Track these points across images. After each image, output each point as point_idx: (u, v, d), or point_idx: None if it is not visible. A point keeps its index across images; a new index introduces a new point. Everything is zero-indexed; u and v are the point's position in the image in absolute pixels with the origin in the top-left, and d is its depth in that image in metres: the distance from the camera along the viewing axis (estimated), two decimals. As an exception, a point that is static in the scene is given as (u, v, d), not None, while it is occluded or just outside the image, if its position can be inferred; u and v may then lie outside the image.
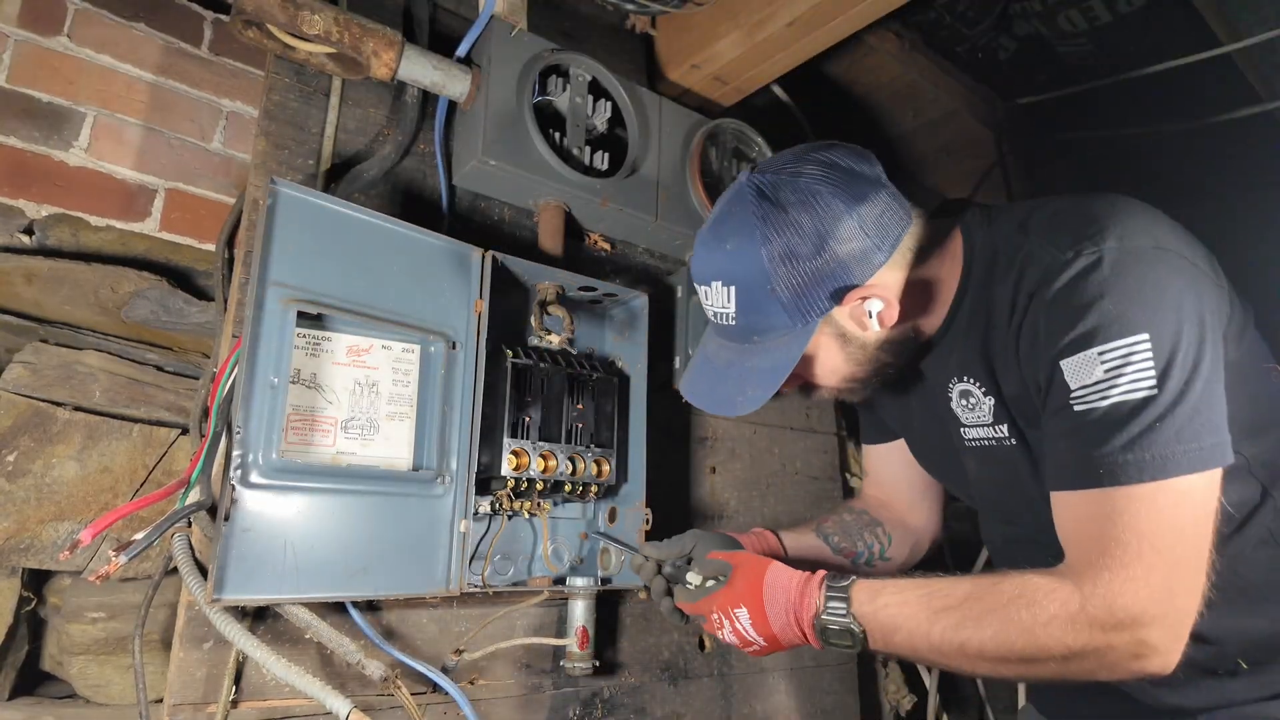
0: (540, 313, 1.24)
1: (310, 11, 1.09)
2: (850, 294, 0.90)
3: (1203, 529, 0.77)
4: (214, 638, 0.97)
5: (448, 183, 1.30)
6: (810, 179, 0.89)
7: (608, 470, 1.21)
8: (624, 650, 1.33)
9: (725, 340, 1.00)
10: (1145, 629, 0.74)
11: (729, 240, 0.92)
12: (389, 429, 1.08)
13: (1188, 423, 0.75)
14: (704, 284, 0.97)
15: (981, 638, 0.80)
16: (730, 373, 0.98)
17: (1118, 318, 0.78)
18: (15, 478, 1.16)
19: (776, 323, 0.92)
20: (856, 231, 0.88)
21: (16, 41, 1.30)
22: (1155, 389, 0.76)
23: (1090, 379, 0.79)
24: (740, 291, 0.92)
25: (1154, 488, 0.75)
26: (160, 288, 1.32)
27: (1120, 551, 0.75)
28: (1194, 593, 0.76)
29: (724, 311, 0.95)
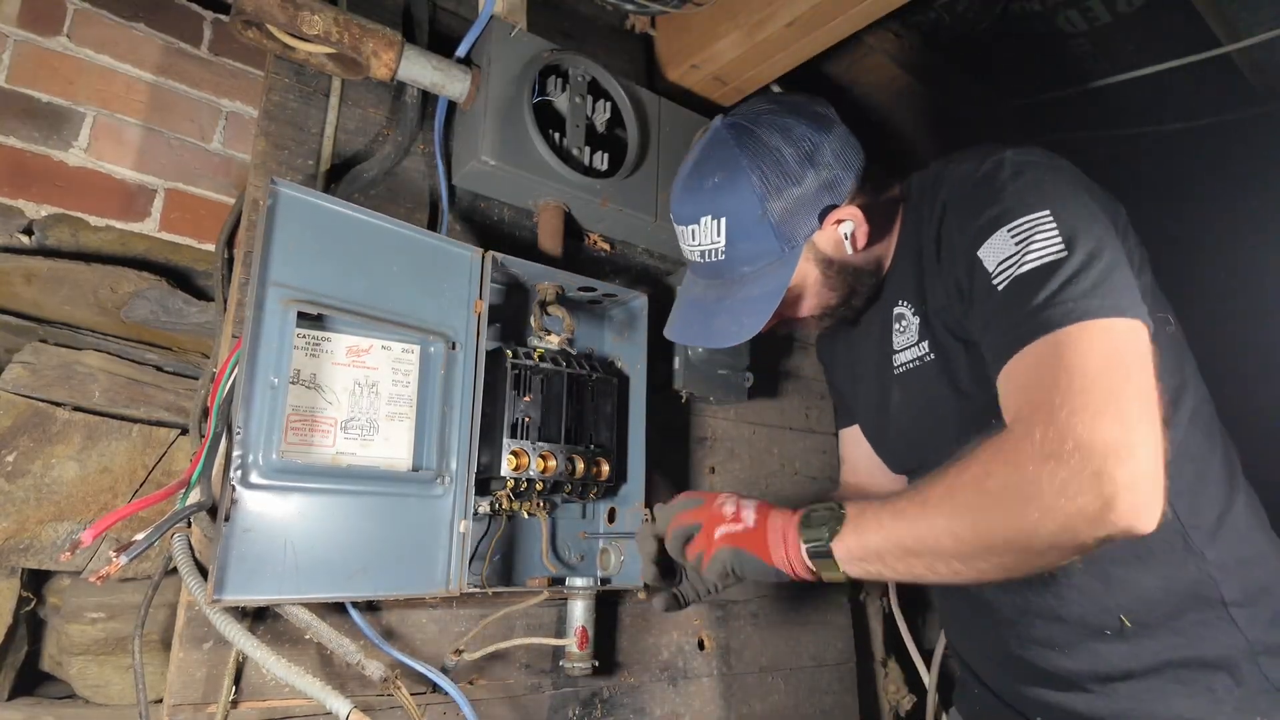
0: (540, 313, 1.24)
1: (310, 12, 1.09)
2: (830, 215, 0.97)
3: (1138, 369, 0.73)
4: (214, 638, 0.97)
5: (447, 183, 1.30)
6: (778, 114, 0.98)
7: (607, 470, 1.22)
8: (623, 650, 1.34)
9: (711, 279, 1.04)
10: (1104, 456, 0.67)
11: (714, 175, 0.98)
12: (389, 429, 1.08)
13: (1104, 277, 0.77)
14: (690, 223, 1.01)
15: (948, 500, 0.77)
16: (722, 307, 1.02)
17: (1020, 201, 0.84)
18: (15, 478, 1.16)
19: (766, 249, 0.98)
20: (830, 157, 0.97)
21: (16, 41, 1.30)
22: (1064, 251, 0.79)
23: (1003, 255, 0.83)
24: (731, 222, 0.98)
25: (1080, 329, 0.74)
26: (160, 288, 1.32)
27: (1064, 389, 0.72)
28: (1144, 422, 0.70)
29: (712, 248, 1.00)
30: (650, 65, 1.67)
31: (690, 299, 1.09)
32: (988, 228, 0.85)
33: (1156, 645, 0.89)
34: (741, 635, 1.50)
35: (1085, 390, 0.71)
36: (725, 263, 1.01)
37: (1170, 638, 0.89)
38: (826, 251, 1.01)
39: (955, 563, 0.78)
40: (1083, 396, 0.70)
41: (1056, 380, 0.73)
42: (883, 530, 0.83)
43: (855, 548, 0.84)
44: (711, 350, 1.42)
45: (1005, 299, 0.82)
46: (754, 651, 1.51)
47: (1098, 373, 0.72)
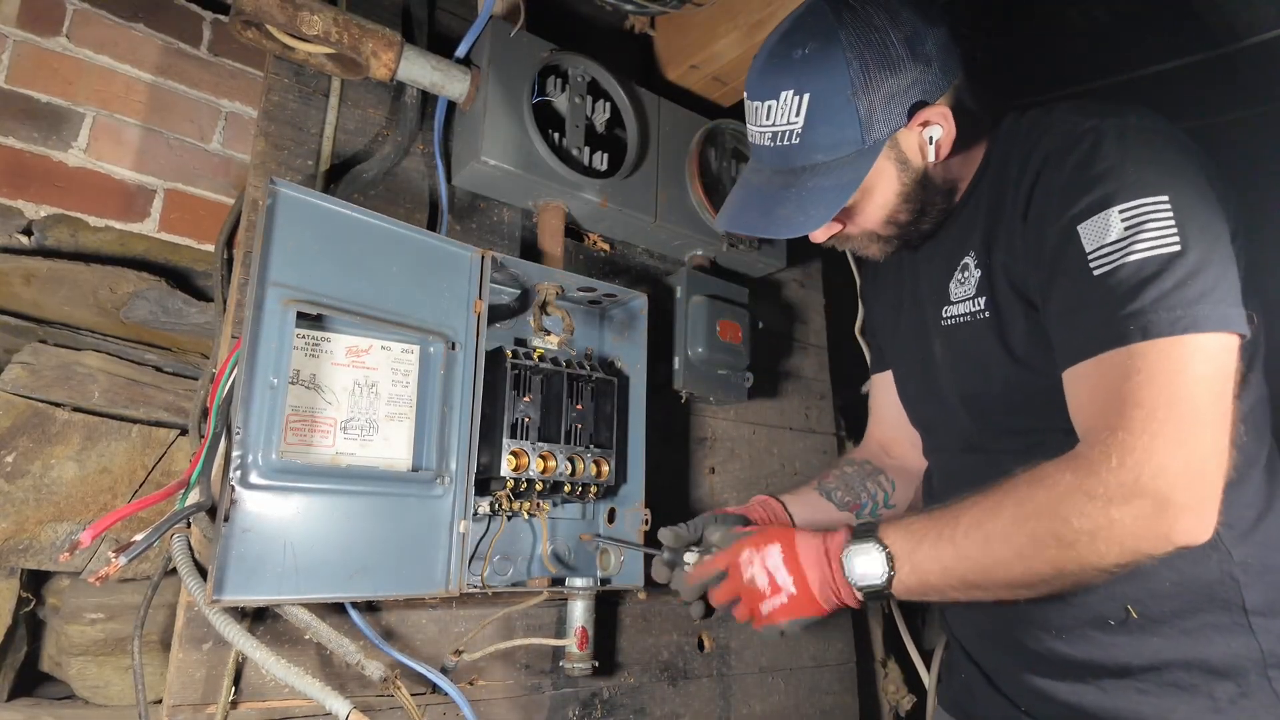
0: (539, 313, 1.24)
1: (309, 12, 1.09)
2: (919, 113, 0.89)
3: (1225, 390, 0.72)
4: (213, 638, 0.96)
5: (447, 183, 1.30)
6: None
7: (607, 471, 1.21)
8: (623, 650, 1.33)
9: (778, 165, 0.94)
10: (1166, 481, 0.69)
11: (806, 45, 0.88)
12: (388, 429, 1.08)
13: (1215, 284, 0.73)
14: (768, 99, 0.91)
15: (1001, 523, 0.76)
16: (787, 195, 0.92)
17: (1138, 179, 0.77)
18: (14, 478, 1.16)
19: (846, 138, 0.88)
20: (934, 52, 0.88)
21: (15, 42, 1.30)
22: (1179, 246, 0.73)
23: (1108, 238, 0.76)
24: (815, 99, 0.88)
25: (1179, 343, 0.71)
26: (159, 288, 1.32)
27: (1136, 412, 0.71)
28: (1218, 450, 0.71)
29: (787, 129, 0.90)
30: (650, 65, 1.67)
31: (750, 187, 0.98)
32: (1097, 203, 0.78)
33: (1160, 642, 0.85)
34: (741, 635, 1.50)
35: (1156, 415, 0.70)
36: (798, 147, 0.90)
37: (1177, 637, 0.84)
38: (908, 154, 0.92)
39: (1020, 590, 0.78)
40: (1153, 422, 0.70)
41: (1133, 398, 0.71)
42: (942, 569, 0.80)
43: (914, 587, 0.82)
44: (711, 350, 1.41)
45: (1102, 288, 0.76)
46: (754, 652, 1.51)
47: (1183, 395, 0.70)
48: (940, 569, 0.80)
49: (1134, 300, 0.73)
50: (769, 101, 0.91)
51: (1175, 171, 0.78)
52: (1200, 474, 0.70)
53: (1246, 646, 0.82)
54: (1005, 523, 0.76)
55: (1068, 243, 0.80)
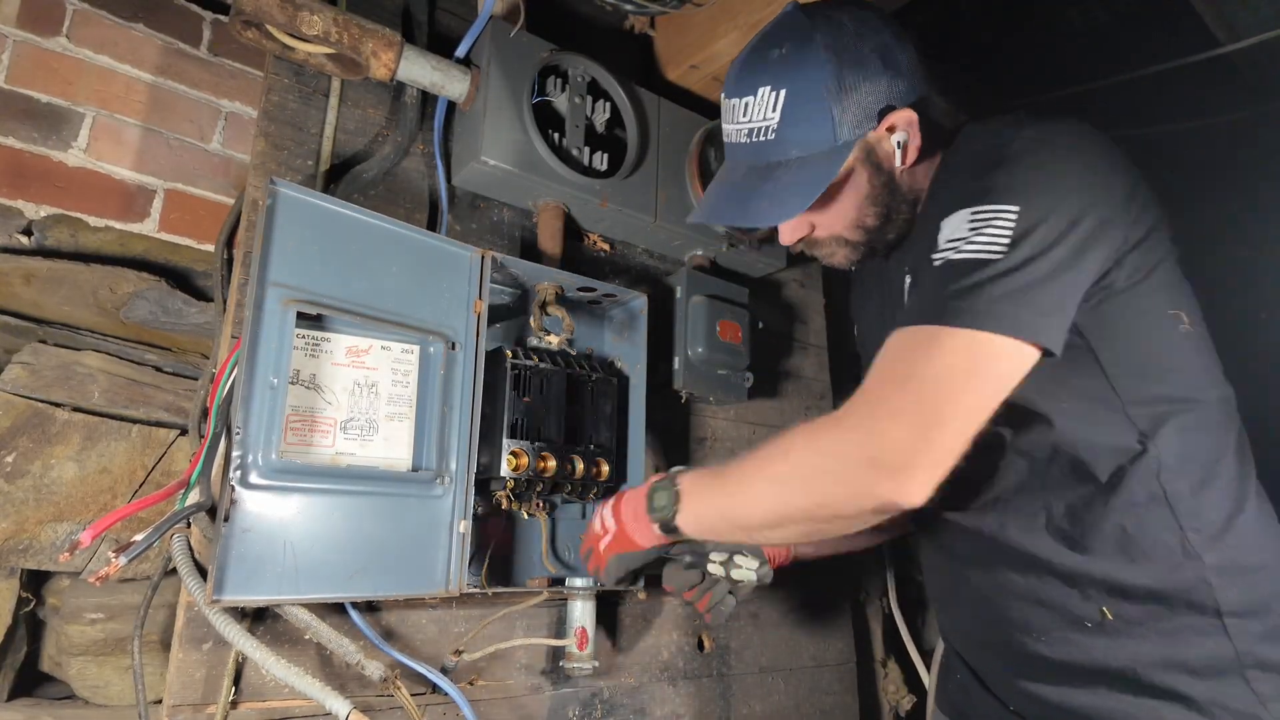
0: (539, 313, 1.24)
1: (309, 12, 1.09)
2: (888, 117, 0.93)
3: (989, 391, 0.76)
4: (213, 638, 0.96)
5: (447, 183, 1.30)
6: (858, 7, 0.95)
7: (606, 471, 1.21)
8: (623, 651, 1.33)
9: (753, 161, 0.98)
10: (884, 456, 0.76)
11: (781, 46, 0.94)
12: (388, 429, 1.08)
13: (1021, 291, 0.76)
14: (745, 95, 0.96)
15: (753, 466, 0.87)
16: (762, 190, 0.96)
17: (1000, 186, 0.81)
18: (14, 478, 1.16)
19: (820, 136, 0.92)
20: (903, 60, 0.93)
21: (15, 42, 1.30)
22: (1001, 253, 0.77)
23: (954, 234, 0.81)
24: (791, 95, 0.92)
25: (963, 336, 0.75)
26: (159, 288, 1.32)
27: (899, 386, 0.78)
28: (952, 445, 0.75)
29: (763, 124, 0.95)
30: (650, 65, 1.67)
31: (725, 183, 1.02)
32: (959, 201, 0.83)
33: (1137, 645, 0.86)
34: (741, 635, 1.50)
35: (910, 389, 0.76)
36: (773, 143, 0.94)
37: (1153, 638, 0.86)
38: (878, 157, 0.96)
39: (774, 529, 0.88)
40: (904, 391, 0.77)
41: (900, 373, 0.78)
42: (711, 505, 0.92)
43: (692, 521, 0.94)
44: (711, 350, 1.41)
45: (931, 278, 0.81)
46: (754, 652, 1.51)
47: (936, 379, 0.75)
48: (711, 507, 0.92)
49: (941, 290, 0.78)
50: (746, 98, 0.96)
51: (1043, 183, 0.81)
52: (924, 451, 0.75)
53: (1221, 647, 0.83)
54: (757, 464, 0.87)
55: (934, 234, 0.85)
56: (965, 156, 0.91)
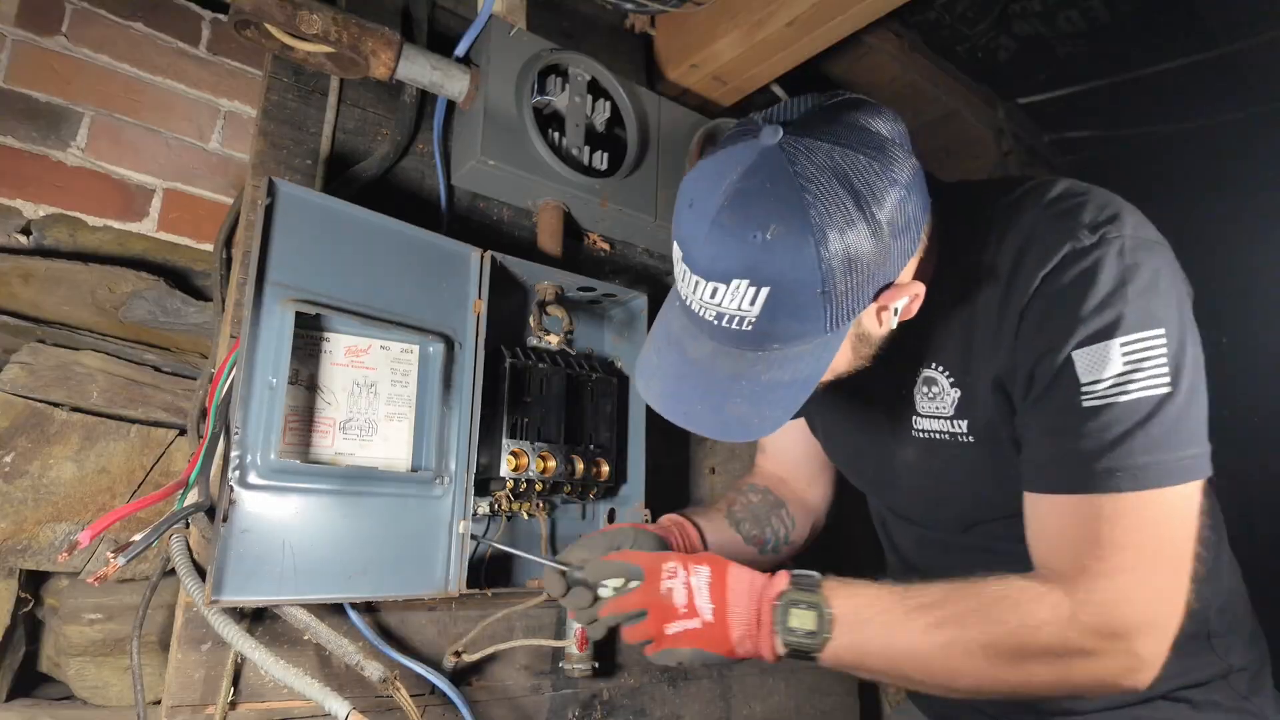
0: (539, 313, 1.24)
1: (308, 11, 1.08)
2: (886, 293, 0.76)
3: (1189, 539, 0.74)
4: (212, 639, 0.96)
5: (446, 183, 1.30)
6: (855, 150, 0.71)
7: (606, 471, 1.21)
8: (623, 652, 1.33)
9: (722, 345, 0.79)
10: (1138, 639, 0.72)
11: (767, 228, 0.70)
12: (387, 429, 1.08)
13: (1196, 427, 0.74)
14: (714, 280, 0.73)
15: (967, 637, 0.74)
16: (737, 389, 0.79)
17: (1141, 309, 0.73)
18: (12, 478, 1.16)
19: (810, 329, 0.75)
20: (905, 220, 0.73)
21: (14, 41, 1.29)
22: (1170, 388, 0.72)
23: (1106, 372, 0.73)
24: (776, 294, 0.72)
25: (1158, 495, 0.72)
26: (158, 288, 1.31)
27: (1114, 558, 0.72)
28: (1180, 606, 0.73)
29: (738, 315, 0.74)
30: (650, 65, 1.67)
31: (687, 359, 0.82)
32: (1100, 332, 0.73)
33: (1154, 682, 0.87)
34: (741, 636, 1.50)
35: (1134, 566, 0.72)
36: (751, 334, 0.75)
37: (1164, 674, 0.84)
38: (867, 328, 0.80)
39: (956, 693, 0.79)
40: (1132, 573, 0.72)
41: (1111, 542, 0.73)
42: (888, 653, 0.77)
43: (846, 659, 0.77)
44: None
45: (1092, 424, 0.74)
46: (754, 652, 1.51)
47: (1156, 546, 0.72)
48: (884, 654, 0.77)
49: (1121, 445, 0.72)
50: (715, 284, 0.74)
51: (1167, 296, 0.75)
52: (1164, 625, 0.72)
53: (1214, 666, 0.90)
54: (972, 635, 0.74)
55: (1062, 369, 0.75)
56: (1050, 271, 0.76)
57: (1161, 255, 0.77)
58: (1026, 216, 0.80)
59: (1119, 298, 0.73)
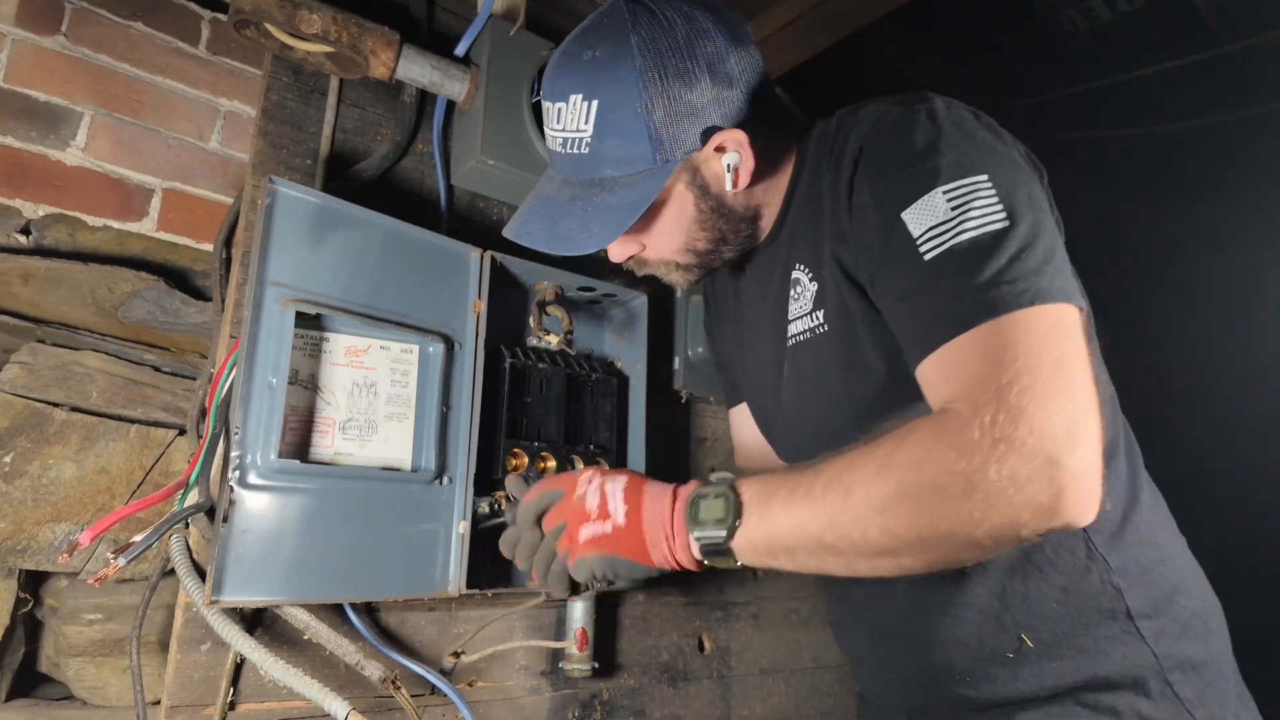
0: (539, 313, 1.24)
1: (308, 10, 1.08)
2: (714, 136, 0.84)
3: (1083, 352, 0.67)
4: (212, 639, 0.96)
5: (446, 182, 1.30)
6: (693, 6, 0.84)
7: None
8: (623, 652, 1.33)
9: (571, 176, 0.89)
10: (1061, 448, 0.61)
11: (597, 48, 0.83)
12: (387, 430, 1.08)
13: (1049, 255, 0.70)
14: (557, 100, 0.85)
15: (864, 477, 0.68)
16: (574, 209, 0.87)
17: (956, 159, 0.73)
18: (12, 479, 1.16)
19: (636, 154, 0.83)
20: (733, 72, 0.84)
21: (14, 40, 1.29)
22: (1006, 222, 0.70)
23: (936, 219, 0.72)
24: (603, 109, 0.82)
25: (1036, 312, 0.67)
26: (157, 288, 1.31)
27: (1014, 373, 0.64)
28: (1094, 415, 0.65)
29: (577, 136, 0.85)
30: (650, 65, 1.67)
31: (541, 195, 0.93)
32: (918, 185, 0.74)
33: (1060, 666, 0.82)
34: (742, 637, 1.50)
35: (1035, 372, 0.64)
36: (588, 157, 0.85)
37: (1074, 656, 0.82)
38: (705, 179, 0.88)
39: (880, 559, 0.69)
40: (1032, 377, 0.63)
41: (1002, 361, 0.65)
42: (795, 522, 0.71)
43: (760, 542, 0.73)
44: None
45: (936, 272, 0.71)
46: (754, 653, 1.51)
47: (1047, 357, 0.65)
48: (793, 524, 0.72)
49: (973, 278, 0.69)
50: (559, 104, 0.86)
51: (990, 150, 0.75)
52: (1084, 438, 0.63)
53: (1140, 654, 0.80)
54: (869, 474, 0.68)
55: (893, 233, 0.75)
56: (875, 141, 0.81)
57: (984, 122, 0.79)
58: (854, 115, 0.87)
59: (932, 152, 0.75)
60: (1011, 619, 0.84)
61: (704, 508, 0.76)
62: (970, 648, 0.87)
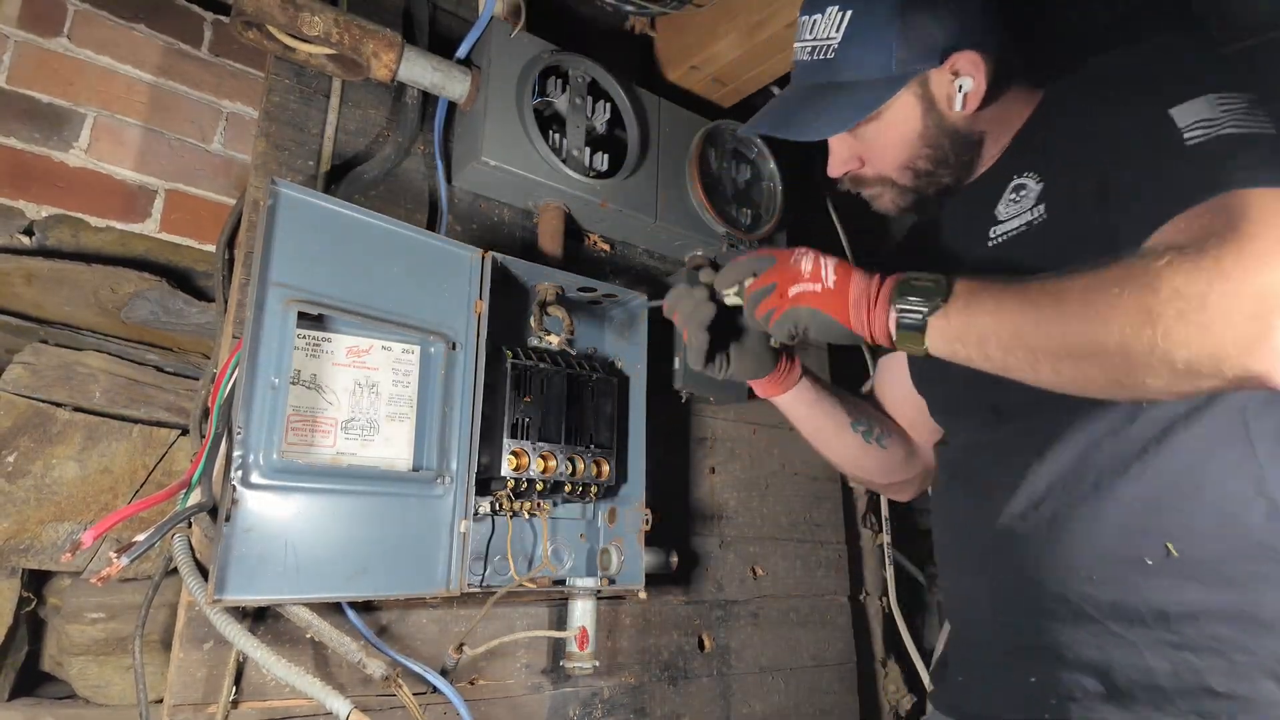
0: (540, 313, 1.24)
1: (310, 13, 1.09)
2: (953, 57, 0.91)
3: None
4: (214, 638, 0.97)
5: (447, 184, 1.31)
6: None
7: (607, 471, 1.22)
8: (623, 650, 1.34)
9: (811, 80, 0.98)
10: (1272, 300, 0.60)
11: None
12: (389, 429, 1.08)
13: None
14: (814, 12, 0.97)
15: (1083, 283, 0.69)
16: (808, 104, 0.96)
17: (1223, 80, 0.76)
18: (15, 478, 1.16)
19: (876, 61, 0.92)
20: (978, 3, 0.93)
21: (17, 42, 1.30)
22: (1272, 130, 0.72)
23: (1203, 115, 0.74)
24: (855, 17, 0.93)
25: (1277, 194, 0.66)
26: (160, 288, 1.32)
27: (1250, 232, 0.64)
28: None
29: (825, 44, 0.95)
30: (650, 66, 1.67)
31: (779, 98, 1.02)
32: (1191, 88, 0.76)
33: (1201, 589, 0.77)
34: (741, 635, 1.51)
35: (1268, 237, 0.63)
36: (832, 63, 0.95)
37: (1220, 585, 0.77)
38: (936, 97, 0.94)
39: (1065, 362, 0.69)
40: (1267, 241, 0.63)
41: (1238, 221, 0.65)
42: (1000, 314, 0.73)
43: (959, 327, 0.75)
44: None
45: (1196, 153, 0.73)
46: (754, 651, 1.51)
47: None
48: (996, 314, 0.73)
49: (1229, 161, 0.70)
50: (814, 15, 0.96)
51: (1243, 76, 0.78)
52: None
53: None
54: (1089, 280, 0.69)
55: (1160, 123, 0.76)
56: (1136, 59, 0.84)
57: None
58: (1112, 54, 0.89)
59: (1200, 67, 0.78)
60: (1160, 526, 0.80)
61: (915, 286, 0.79)
62: (1108, 543, 0.83)
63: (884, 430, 1.21)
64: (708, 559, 1.50)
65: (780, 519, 1.64)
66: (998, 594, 0.96)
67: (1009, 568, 0.93)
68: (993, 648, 0.96)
